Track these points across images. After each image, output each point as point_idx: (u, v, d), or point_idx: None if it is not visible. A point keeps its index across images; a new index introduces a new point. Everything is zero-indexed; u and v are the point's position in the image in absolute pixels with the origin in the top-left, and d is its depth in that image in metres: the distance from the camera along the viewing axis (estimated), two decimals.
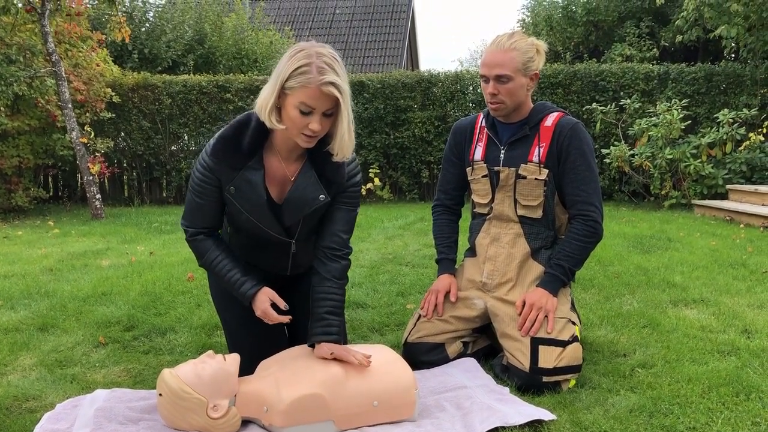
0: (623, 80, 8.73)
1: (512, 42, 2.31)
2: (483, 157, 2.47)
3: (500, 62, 2.29)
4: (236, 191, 1.99)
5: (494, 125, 2.48)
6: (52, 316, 3.09)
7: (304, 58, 1.82)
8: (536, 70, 2.36)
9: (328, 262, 2.08)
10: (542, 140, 2.37)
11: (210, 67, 12.01)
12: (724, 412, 1.97)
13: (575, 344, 2.23)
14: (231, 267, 2.05)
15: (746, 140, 7.64)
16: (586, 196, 2.34)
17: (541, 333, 2.23)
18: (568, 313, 2.31)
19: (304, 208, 2.04)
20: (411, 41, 21.79)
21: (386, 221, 6.61)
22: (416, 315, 2.51)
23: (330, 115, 1.87)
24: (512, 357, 2.25)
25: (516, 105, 2.37)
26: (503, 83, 2.30)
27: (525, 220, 2.41)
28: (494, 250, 2.45)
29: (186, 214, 2.08)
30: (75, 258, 4.69)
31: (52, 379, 2.34)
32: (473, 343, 2.52)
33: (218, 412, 1.86)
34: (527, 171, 2.37)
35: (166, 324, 2.98)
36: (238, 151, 1.96)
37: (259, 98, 1.90)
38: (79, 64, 7.84)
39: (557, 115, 2.40)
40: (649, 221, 6.42)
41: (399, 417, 1.94)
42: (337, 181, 2.04)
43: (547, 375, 2.16)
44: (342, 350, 1.97)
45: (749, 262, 4.20)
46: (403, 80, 9.05)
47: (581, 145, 2.34)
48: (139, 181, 9.41)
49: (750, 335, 2.73)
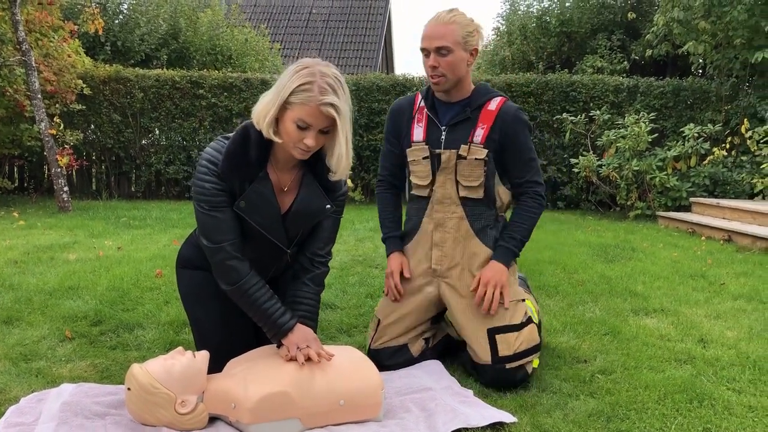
0: (593, 92, 8.90)
1: (452, 16, 2.34)
2: (424, 139, 2.47)
3: (441, 34, 2.31)
4: (247, 204, 1.98)
5: (434, 106, 2.48)
6: (17, 309, 3.06)
7: (307, 76, 1.85)
8: (476, 46, 2.38)
9: (311, 268, 2.14)
10: (483, 122, 2.40)
11: (184, 62, 11.90)
12: (678, 418, 2.05)
13: (530, 326, 2.34)
14: (270, 296, 2.02)
15: (710, 155, 7.84)
16: (531, 176, 2.45)
17: (495, 322, 2.32)
18: (515, 293, 2.41)
19: (312, 219, 2.09)
20: (387, 44, 21.86)
21: (357, 223, 6.65)
22: (375, 320, 2.55)
23: (326, 132, 1.91)
24: (474, 353, 2.34)
25: (456, 79, 2.37)
26: (443, 56, 2.31)
27: (467, 202, 2.44)
28: (440, 236, 2.47)
29: (208, 234, 1.99)
30: (41, 251, 4.63)
31: (16, 372, 2.33)
32: (433, 337, 2.57)
33: (186, 407, 1.87)
34: (467, 152, 2.40)
35: (134, 320, 2.97)
36: (247, 165, 1.96)
37: (258, 108, 1.92)
38: (49, 54, 7.71)
39: (501, 100, 2.44)
40: (614, 231, 6.55)
41: (365, 417, 1.98)
42: (335, 190, 2.10)
43: (509, 361, 2.26)
44: (311, 342, 2.00)
45: (708, 273, 4.33)
46: (377, 83, 9.10)
47: (524, 130, 2.42)
48: (107, 175, 9.29)
49: (706, 345, 2.83)
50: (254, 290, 2.00)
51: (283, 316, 2.01)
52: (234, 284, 2.00)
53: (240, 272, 2.00)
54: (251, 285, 2.00)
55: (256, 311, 2.01)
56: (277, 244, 2.09)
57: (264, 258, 2.13)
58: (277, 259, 2.17)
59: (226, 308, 2.16)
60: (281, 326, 2.00)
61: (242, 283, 1.99)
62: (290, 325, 2.01)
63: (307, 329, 2.04)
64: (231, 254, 1.99)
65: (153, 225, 6.26)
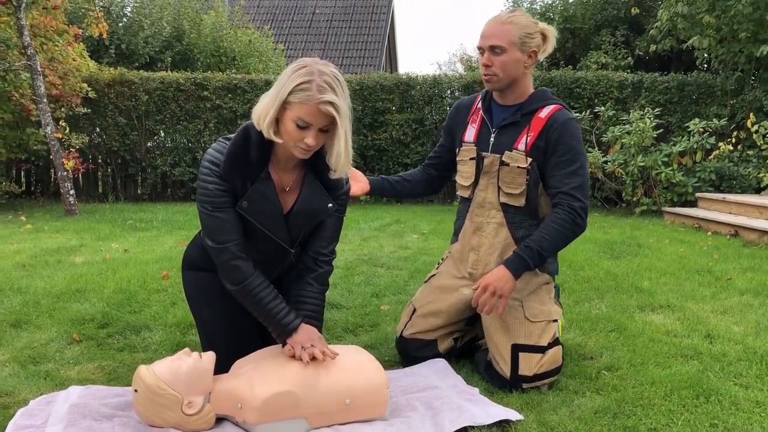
0: (598, 88, 8.88)
1: (511, 16, 2.31)
2: (475, 140, 2.45)
3: (496, 33, 2.29)
4: (249, 205, 1.99)
5: (490, 108, 2.46)
6: (25, 313, 3.08)
7: (306, 75, 1.85)
8: (535, 48, 2.32)
9: (315, 267, 2.14)
10: (532, 129, 2.34)
11: (188, 64, 11.93)
12: (685, 414, 2.05)
13: (555, 348, 2.28)
14: (275, 296, 2.03)
15: (716, 149, 7.82)
16: (569, 188, 2.27)
17: (521, 339, 2.27)
18: (548, 314, 2.34)
19: (314, 218, 2.09)
20: (390, 43, 21.86)
21: (362, 222, 6.65)
22: (410, 308, 2.56)
23: (326, 131, 1.91)
24: (494, 361, 2.31)
25: (510, 80, 2.34)
26: (497, 54, 2.29)
27: (508, 208, 2.39)
28: (477, 240, 2.46)
29: (212, 234, 1.99)
30: (48, 254, 4.66)
31: (25, 375, 2.34)
32: (462, 338, 2.56)
33: (193, 408, 1.88)
34: (510, 158, 2.36)
35: (141, 322, 2.99)
36: (249, 165, 1.97)
37: (258, 109, 1.93)
38: (54, 58, 7.75)
39: (554, 107, 2.36)
40: (620, 227, 6.54)
41: (371, 416, 1.98)
42: (336, 189, 2.10)
43: (527, 382, 2.23)
44: (315, 342, 2.01)
45: (715, 269, 4.32)
46: (381, 82, 9.10)
47: (570, 139, 2.30)
48: (113, 178, 9.33)
49: (712, 340, 2.82)
50: (259, 290, 2.01)
51: (288, 315, 2.02)
52: (239, 284, 2.00)
53: (245, 272, 2.00)
54: (256, 285, 2.01)
55: (261, 311, 2.02)
56: (280, 244, 2.10)
57: (268, 258, 2.14)
58: (281, 259, 2.17)
59: (232, 309, 2.17)
60: (286, 326, 2.01)
61: (247, 283, 2.00)
62: (295, 324, 2.01)
63: (311, 329, 2.05)
64: (235, 254, 1.99)
65: (159, 227, 6.28)
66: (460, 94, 9.14)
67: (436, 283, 2.57)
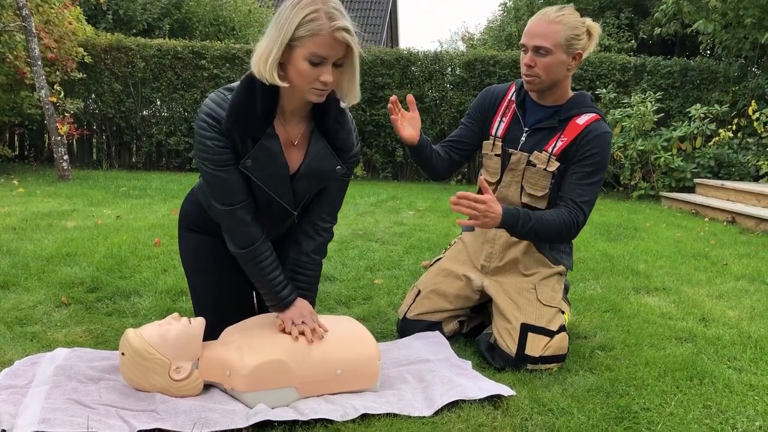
0: (600, 70, 8.80)
1: (560, 15, 2.18)
2: (503, 135, 2.37)
3: (542, 33, 2.16)
4: (253, 163, 1.85)
5: (524, 104, 2.36)
6: (14, 275, 3.04)
7: (310, 5, 1.70)
8: (580, 50, 2.22)
9: (314, 235, 2.05)
10: (566, 134, 2.26)
11: (186, 32, 11.79)
12: (678, 395, 2.03)
13: (562, 334, 2.24)
14: (276, 267, 1.95)
15: (716, 136, 7.78)
16: (577, 197, 2.23)
17: (531, 320, 2.23)
18: (559, 303, 2.32)
19: (321, 180, 1.97)
20: (392, 19, 21.63)
21: (358, 198, 6.61)
22: (415, 290, 2.51)
23: (340, 65, 1.77)
24: (500, 338, 2.25)
25: (551, 83, 2.24)
26: (541, 56, 2.18)
27: (528, 207, 2.32)
28: (493, 233, 2.40)
29: (218, 195, 1.87)
30: (39, 218, 4.60)
31: (11, 336, 2.31)
32: (468, 322, 2.53)
33: (181, 374, 1.85)
34: (538, 159, 2.28)
35: (131, 287, 2.95)
36: (254, 119, 1.80)
37: (256, 57, 1.76)
38: (50, 21, 7.62)
39: (593, 116, 2.27)
40: (617, 210, 6.51)
41: (361, 387, 1.95)
42: (345, 150, 1.97)
43: (532, 363, 2.19)
44: (307, 318, 1.97)
45: (711, 254, 4.30)
46: (381, 57, 9.00)
47: (601, 154, 2.23)
48: (108, 145, 9.24)
49: (707, 324, 2.80)
50: (263, 258, 1.93)
51: (285, 289, 1.96)
52: (245, 248, 1.92)
53: (253, 237, 1.92)
54: (262, 251, 1.93)
55: (260, 279, 1.95)
56: (283, 206, 1.99)
57: (269, 220, 2.03)
58: (282, 220, 2.07)
59: (224, 276, 2.13)
60: (282, 300, 1.96)
61: (253, 248, 1.92)
62: (290, 300, 1.97)
63: (304, 304, 2.00)
64: (243, 218, 1.90)
65: (153, 195, 6.22)
66: (461, 71, 9.05)
67: (442, 266, 2.52)
